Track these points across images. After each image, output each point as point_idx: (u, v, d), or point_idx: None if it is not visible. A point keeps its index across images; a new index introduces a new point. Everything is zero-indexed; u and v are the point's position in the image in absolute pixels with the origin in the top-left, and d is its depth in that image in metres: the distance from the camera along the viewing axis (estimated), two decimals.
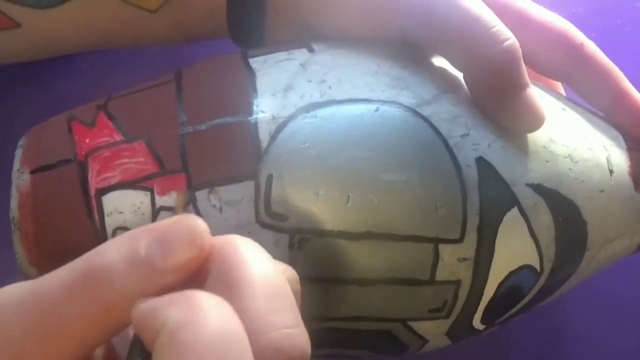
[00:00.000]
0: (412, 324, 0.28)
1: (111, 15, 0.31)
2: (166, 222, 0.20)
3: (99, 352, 0.23)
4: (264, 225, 0.26)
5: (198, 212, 0.26)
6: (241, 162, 0.26)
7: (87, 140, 0.27)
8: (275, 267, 0.21)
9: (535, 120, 0.29)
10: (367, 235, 0.26)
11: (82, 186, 0.27)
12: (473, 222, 0.27)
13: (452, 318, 0.29)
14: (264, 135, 0.26)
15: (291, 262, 0.26)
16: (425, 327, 0.29)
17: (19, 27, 0.32)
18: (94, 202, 0.27)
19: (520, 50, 0.28)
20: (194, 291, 0.19)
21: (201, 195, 0.26)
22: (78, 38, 0.33)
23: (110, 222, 0.27)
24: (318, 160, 0.26)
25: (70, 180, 0.27)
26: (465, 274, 0.28)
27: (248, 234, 0.26)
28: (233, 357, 0.18)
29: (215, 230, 0.26)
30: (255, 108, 0.27)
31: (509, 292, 0.29)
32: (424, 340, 0.29)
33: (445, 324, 0.29)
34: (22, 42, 0.33)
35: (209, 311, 0.18)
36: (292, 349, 0.20)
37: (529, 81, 0.29)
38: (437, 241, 0.27)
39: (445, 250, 0.27)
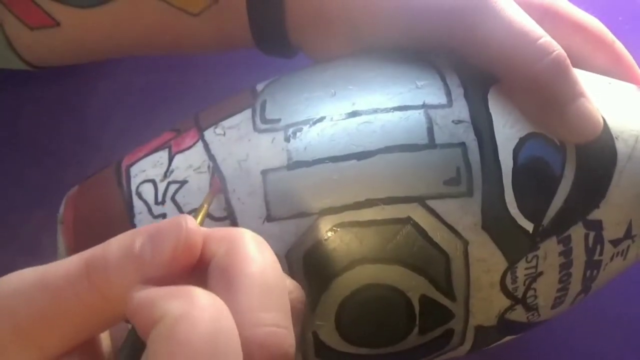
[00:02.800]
0: (432, 203, 0.26)
1: (152, 17, 0.32)
2: (162, 222, 0.22)
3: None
4: (260, 131, 0.28)
5: (205, 143, 0.29)
6: (241, 103, 0.30)
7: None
8: (275, 265, 0.22)
9: (590, 130, 0.28)
10: (355, 114, 0.28)
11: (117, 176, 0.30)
12: (457, 92, 0.28)
13: (478, 196, 0.26)
14: (261, 86, 0.31)
15: (288, 152, 0.27)
16: (450, 211, 0.26)
17: (58, 25, 0.32)
18: (123, 174, 0.30)
19: (567, 60, 0.28)
20: (191, 287, 0.20)
21: (208, 132, 0.29)
22: (116, 40, 0.33)
23: (135, 181, 0.29)
24: (304, 78, 0.30)
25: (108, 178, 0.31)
26: (467, 136, 0.27)
27: (248, 141, 0.28)
28: (225, 353, 0.20)
29: (219, 148, 0.28)
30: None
31: (533, 164, 0.27)
32: (459, 237, 0.26)
33: (473, 207, 0.26)
34: (61, 42, 0.33)
35: (205, 308, 0.20)
36: (277, 347, 0.21)
37: (581, 90, 0.28)
38: (425, 107, 0.27)
39: (436, 114, 0.27)
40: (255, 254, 0.22)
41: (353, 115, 0.28)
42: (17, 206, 0.38)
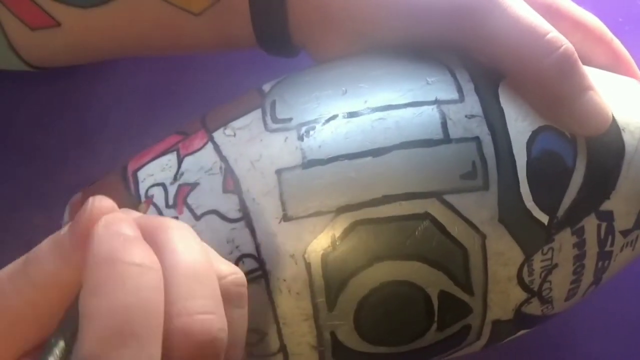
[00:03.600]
0: (450, 198, 0.26)
1: (153, 16, 0.32)
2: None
3: None
4: (272, 131, 0.28)
5: (216, 145, 0.29)
6: (249, 103, 0.30)
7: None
8: (201, 252, 0.23)
9: (600, 123, 0.28)
10: (367, 110, 0.28)
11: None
12: (468, 87, 0.28)
13: (494, 189, 0.26)
14: (267, 86, 0.30)
15: (303, 151, 0.27)
16: (467, 205, 0.26)
17: (58, 26, 0.32)
18: (130, 179, 0.30)
19: (575, 54, 0.28)
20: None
21: (217, 133, 0.29)
22: (117, 40, 0.33)
23: (144, 186, 0.29)
24: (312, 77, 0.29)
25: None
26: (480, 130, 0.27)
27: (260, 141, 0.28)
28: (141, 327, 0.20)
29: (230, 149, 0.28)
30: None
31: (546, 156, 0.27)
32: (476, 230, 0.26)
33: (489, 201, 0.26)
34: (61, 43, 0.33)
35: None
36: (204, 334, 0.21)
37: (589, 83, 0.28)
38: (438, 103, 0.27)
39: (449, 109, 0.27)
40: (178, 244, 0.23)
41: (366, 113, 0.27)
42: (15, 207, 0.37)
